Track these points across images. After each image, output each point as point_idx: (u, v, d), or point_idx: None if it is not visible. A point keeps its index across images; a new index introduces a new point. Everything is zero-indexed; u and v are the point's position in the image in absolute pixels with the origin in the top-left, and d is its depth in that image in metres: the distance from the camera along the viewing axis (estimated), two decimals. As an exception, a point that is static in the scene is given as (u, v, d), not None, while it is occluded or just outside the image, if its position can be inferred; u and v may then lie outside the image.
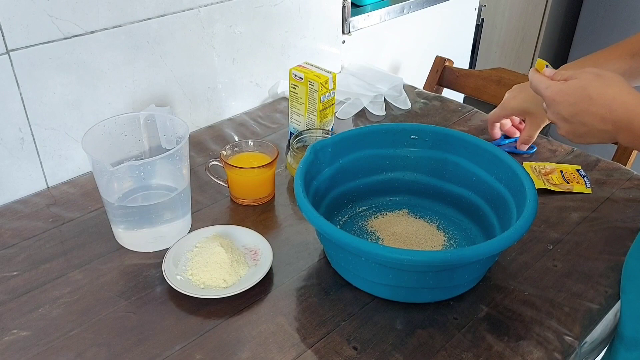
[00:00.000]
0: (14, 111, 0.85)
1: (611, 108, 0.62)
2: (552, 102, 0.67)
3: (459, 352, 0.64)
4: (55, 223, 0.84)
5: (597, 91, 0.63)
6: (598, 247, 0.80)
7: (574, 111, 0.65)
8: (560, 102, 0.66)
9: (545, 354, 0.64)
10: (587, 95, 0.63)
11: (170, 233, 0.79)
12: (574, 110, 0.65)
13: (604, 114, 0.63)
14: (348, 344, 0.65)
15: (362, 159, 0.84)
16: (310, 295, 0.72)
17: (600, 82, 0.64)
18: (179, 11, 0.98)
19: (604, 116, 0.63)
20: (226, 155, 0.88)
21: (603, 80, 0.64)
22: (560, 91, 0.66)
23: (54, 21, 0.83)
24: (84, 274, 0.75)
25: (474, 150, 0.81)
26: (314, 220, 0.66)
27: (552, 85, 0.67)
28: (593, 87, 0.63)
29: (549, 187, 0.91)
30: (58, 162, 0.92)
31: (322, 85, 0.95)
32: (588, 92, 0.63)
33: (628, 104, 0.61)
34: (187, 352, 0.64)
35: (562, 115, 0.67)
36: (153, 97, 1.01)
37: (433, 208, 0.86)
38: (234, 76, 1.13)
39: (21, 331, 0.66)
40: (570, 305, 0.71)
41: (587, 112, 0.64)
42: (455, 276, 0.68)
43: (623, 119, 0.62)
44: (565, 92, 0.66)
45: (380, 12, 1.37)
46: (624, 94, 0.62)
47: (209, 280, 0.71)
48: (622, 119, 0.62)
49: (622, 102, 0.62)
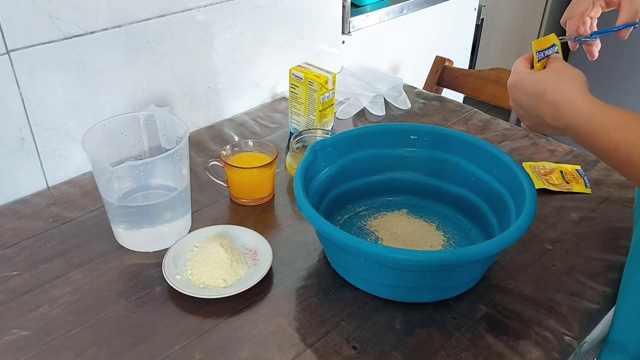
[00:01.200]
0: (14, 111, 0.85)
1: (559, 106, 0.61)
2: (510, 90, 0.67)
3: (458, 351, 0.65)
4: (55, 223, 0.84)
5: (550, 86, 0.62)
6: (597, 247, 0.80)
7: (529, 103, 0.65)
8: (518, 92, 0.66)
9: (544, 354, 0.64)
10: (541, 90, 0.63)
11: (170, 233, 0.79)
12: (529, 103, 0.65)
13: (553, 111, 0.62)
14: (347, 344, 0.65)
15: (362, 159, 0.84)
16: (309, 295, 0.72)
17: (557, 78, 0.63)
18: (179, 11, 0.98)
19: (553, 114, 0.62)
20: (226, 155, 0.88)
21: (560, 76, 0.63)
22: (519, 80, 0.66)
23: (54, 21, 0.84)
24: (84, 273, 0.75)
25: (473, 150, 0.81)
26: (314, 220, 0.67)
27: (517, 72, 0.67)
28: (548, 81, 0.63)
29: (549, 187, 0.91)
30: (58, 162, 0.93)
31: (321, 85, 0.95)
32: (543, 86, 0.63)
33: (575, 104, 0.60)
34: (187, 352, 0.64)
35: (518, 104, 0.67)
36: (153, 97, 1.01)
37: (432, 208, 0.86)
38: (234, 76, 1.13)
39: (21, 331, 0.66)
40: (569, 305, 0.71)
41: (540, 106, 0.63)
42: (455, 276, 0.68)
43: (569, 120, 0.61)
44: (524, 84, 0.65)
45: (380, 12, 1.37)
46: (574, 93, 0.61)
47: (208, 280, 0.71)
48: (569, 119, 0.61)
49: (570, 102, 0.60)
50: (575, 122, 0.60)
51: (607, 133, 0.57)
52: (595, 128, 0.58)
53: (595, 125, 0.58)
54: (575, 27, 0.75)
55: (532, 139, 1.07)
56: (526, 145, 1.05)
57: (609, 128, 0.57)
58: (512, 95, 0.67)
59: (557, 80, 0.62)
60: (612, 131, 0.57)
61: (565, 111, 0.61)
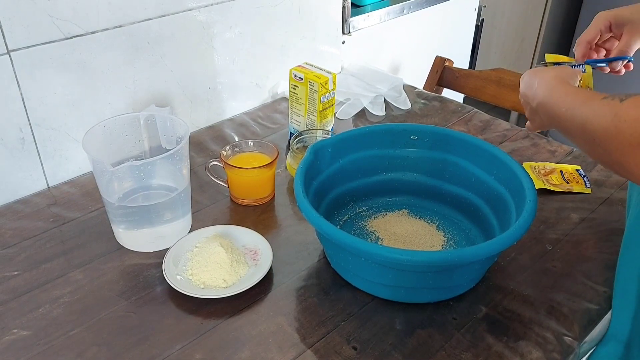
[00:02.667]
0: (15, 111, 0.85)
1: (536, 93, 0.66)
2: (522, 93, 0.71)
3: (458, 352, 0.65)
4: (55, 223, 0.84)
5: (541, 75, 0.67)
6: (597, 248, 0.80)
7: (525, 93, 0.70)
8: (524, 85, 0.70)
9: (544, 354, 0.64)
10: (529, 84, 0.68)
11: (170, 233, 0.79)
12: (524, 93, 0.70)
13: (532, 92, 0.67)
14: (348, 344, 0.65)
15: (362, 159, 0.84)
16: (310, 295, 0.72)
17: (548, 71, 0.67)
18: (179, 12, 0.98)
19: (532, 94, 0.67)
20: (226, 156, 0.88)
21: (552, 70, 0.68)
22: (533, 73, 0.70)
23: (55, 21, 0.84)
24: (84, 273, 0.75)
25: (473, 151, 0.81)
26: (314, 220, 0.67)
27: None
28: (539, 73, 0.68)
29: (549, 187, 0.91)
30: (58, 162, 0.93)
31: (322, 85, 0.95)
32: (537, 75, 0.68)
33: (547, 82, 0.65)
34: (187, 352, 0.64)
35: (522, 94, 0.71)
36: (153, 97, 1.01)
37: (433, 208, 0.86)
38: (234, 76, 1.13)
39: (22, 331, 0.66)
40: (569, 305, 0.71)
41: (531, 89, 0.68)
42: (455, 276, 0.68)
43: (540, 98, 0.65)
44: (524, 77, 0.70)
45: (380, 13, 1.37)
46: (553, 79, 0.65)
47: (209, 280, 0.71)
48: (540, 98, 0.65)
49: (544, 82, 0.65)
50: (545, 101, 0.64)
51: (567, 111, 0.60)
52: (559, 108, 0.61)
53: (560, 105, 0.61)
54: (580, 54, 0.79)
55: (533, 139, 1.07)
56: (527, 146, 1.05)
57: (567, 104, 0.60)
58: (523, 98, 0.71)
59: (546, 71, 0.68)
60: (570, 108, 0.59)
61: (540, 97, 0.65)
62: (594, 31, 0.78)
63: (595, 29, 0.78)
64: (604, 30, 0.77)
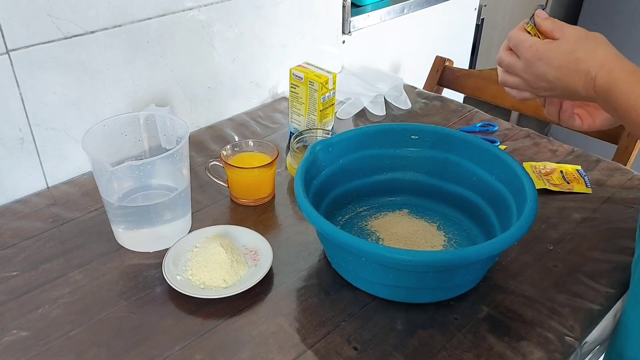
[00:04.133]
0: (14, 111, 0.85)
1: (596, 74, 0.60)
2: (533, 63, 0.63)
3: (460, 352, 0.64)
4: (55, 223, 0.84)
5: (585, 55, 0.60)
6: (599, 247, 0.80)
7: (558, 75, 0.62)
8: (544, 65, 0.62)
9: (546, 354, 0.64)
10: (575, 59, 0.60)
11: (170, 233, 0.79)
12: (558, 74, 0.62)
13: (587, 80, 0.60)
14: (348, 344, 0.65)
15: (362, 159, 0.84)
16: (310, 295, 0.72)
17: (589, 45, 0.61)
18: (179, 11, 0.98)
19: (586, 83, 0.61)
20: (226, 155, 0.88)
21: (591, 42, 0.61)
22: (545, 51, 0.62)
23: (54, 21, 0.83)
24: (84, 274, 0.74)
25: (474, 150, 0.81)
26: (314, 220, 0.66)
27: (535, 44, 0.63)
28: (582, 50, 0.60)
29: (549, 187, 0.91)
30: (58, 162, 0.92)
31: (322, 85, 0.94)
32: (576, 56, 0.61)
33: (613, 71, 0.59)
34: (187, 353, 0.64)
35: (545, 77, 0.63)
36: (153, 97, 1.01)
37: (433, 208, 0.86)
38: (234, 76, 1.13)
39: (21, 331, 0.66)
40: (571, 305, 0.71)
41: (571, 76, 0.61)
42: (456, 276, 0.68)
43: (604, 87, 0.60)
44: (550, 55, 0.62)
45: (380, 12, 1.37)
46: (610, 59, 0.60)
47: (209, 281, 0.71)
48: (604, 87, 0.60)
49: (608, 70, 0.59)
50: (609, 90, 0.59)
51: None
52: (630, 99, 0.58)
53: (630, 96, 0.58)
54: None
55: (534, 139, 1.07)
56: (527, 146, 1.05)
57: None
58: (534, 69, 0.63)
59: (590, 48, 0.61)
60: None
61: (602, 79, 0.59)
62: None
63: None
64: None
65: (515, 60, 0.65)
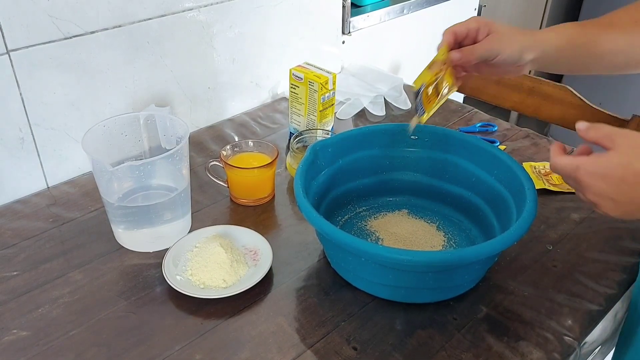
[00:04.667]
0: (14, 111, 0.85)
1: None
2: (591, 184, 0.58)
3: (459, 352, 0.64)
4: (55, 223, 0.84)
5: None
6: (598, 248, 0.80)
7: (621, 190, 0.56)
8: (604, 184, 0.57)
9: (545, 355, 0.64)
10: (634, 171, 0.55)
11: (170, 233, 0.79)
12: (621, 190, 0.56)
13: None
14: (348, 344, 0.65)
15: (362, 159, 0.84)
16: (310, 295, 0.72)
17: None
18: (179, 11, 0.98)
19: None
20: (226, 156, 0.88)
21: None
22: (599, 171, 0.57)
23: (54, 21, 0.83)
24: (84, 274, 0.75)
25: (473, 151, 0.81)
26: (314, 220, 0.66)
27: (584, 164, 0.58)
28: (637, 162, 0.55)
29: (549, 188, 0.91)
30: (58, 162, 0.92)
31: (322, 85, 0.95)
32: (635, 168, 0.55)
33: None
34: (187, 352, 0.64)
35: (607, 195, 0.57)
36: (153, 97, 1.01)
37: (433, 208, 0.86)
38: (234, 76, 1.13)
39: (21, 331, 0.66)
40: (570, 305, 0.71)
41: (637, 189, 0.56)
42: (455, 276, 0.68)
43: None
44: (606, 172, 0.56)
45: (380, 13, 1.37)
46: None
47: (208, 280, 0.71)
48: None
49: None
50: None
51: None
52: None
53: None
54: (446, 41, 0.73)
55: (533, 139, 1.07)
56: (527, 146, 1.05)
57: None
58: (595, 189, 0.58)
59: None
60: None
61: None
62: (463, 26, 0.73)
63: (465, 25, 0.73)
64: (471, 30, 0.73)
65: (573, 184, 0.61)
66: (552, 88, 1.25)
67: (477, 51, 0.71)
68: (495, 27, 0.73)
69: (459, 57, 0.72)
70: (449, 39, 0.73)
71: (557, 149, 0.62)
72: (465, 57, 0.72)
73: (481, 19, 0.73)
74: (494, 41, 0.72)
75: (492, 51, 0.71)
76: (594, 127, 0.59)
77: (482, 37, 0.72)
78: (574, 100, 1.21)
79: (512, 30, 0.73)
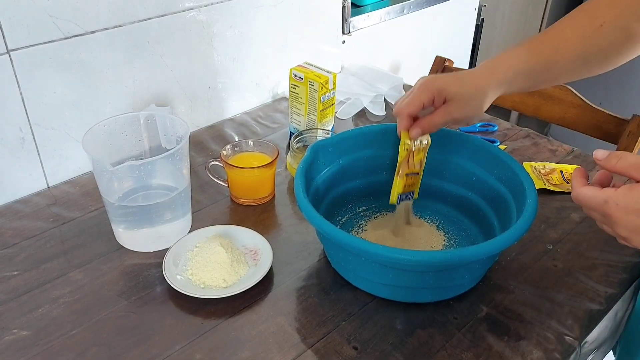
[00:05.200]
0: (15, 111, 0.85)
1: None
2: (623, 219, 0.55)
3: (459, 352, 0.64)
4: (55, 223, 0.84)
5: None
6: (598, 247, 0.80)
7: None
8: (638, 218, 0.54)
9: (545, 354, 0.64)
10: None
11: (170, 233, 0.79)
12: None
13: None
14: (348, 344, 0.65)
15: (362, 159, 0.84)
16: (310, 295, 0.72)
17: None
18: (179, 11, 0.98)
19: None
20: (226, 155, 0.88)
21: None
22: (634, 205, 0.54)
23: (55, 21, 0.83)
24: (84, 273, 0.75)
25: (474, 150, 0.81)
26: (314, 220, 0.66)
27: (614, 198, 0.55)
28: None
29: (549, 187, 0.91)
30: (58, 161, 0.93)
31: (322, 85, 0.95)
32: None
33: None
34: (187, 352, 0.64)
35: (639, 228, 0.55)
36: (153, 97, 1.01)
37: (433, 208, 0.86)
38: (234, 76, 1.13)
39: (21, 331, 0.66)
40: (571, 305, 0.71)
41: None
42: (455, 276, 0.68)
43: None
44: (636, 204, 0.54)
45: (380, 12, 1.37)
46: None
47: (209, 280, 0.71)
48: None
49: None
50: None
51: None
52: None
53: None
54: (403, 126, 0.73)
55: (533, 139, 1.07)
56: (527, 145, 1.05)
57: None
58: (627, 224, 0.55)
59: None
60: None
61: None
62: (417, 103, 0.71)
63: (419, 101, 0.71)
64: (426, 103, 0.71)
65: (598, 216, 0.59)
66: (552, 88, 1.25)
67: (437, 123, 0.72)
68: (449, 93, 0.70)
69: (420, 132, 0.72)
70: (405, 125, 0.72)
71: (579, 178, 0.59)
72: (425, 131, 0.72)
73: (431, 85, 0.71)
74: (453, 110, 0.71)
75: (452, 119, 0.71)
76: (616, 156, 0.57)
77: (439, 104, 0.71)
78: (574, 100, 1.21)
79: (466, 87, 0.71)
